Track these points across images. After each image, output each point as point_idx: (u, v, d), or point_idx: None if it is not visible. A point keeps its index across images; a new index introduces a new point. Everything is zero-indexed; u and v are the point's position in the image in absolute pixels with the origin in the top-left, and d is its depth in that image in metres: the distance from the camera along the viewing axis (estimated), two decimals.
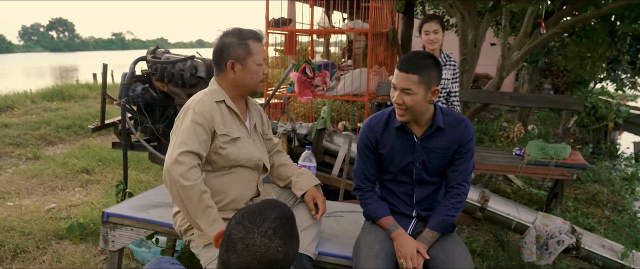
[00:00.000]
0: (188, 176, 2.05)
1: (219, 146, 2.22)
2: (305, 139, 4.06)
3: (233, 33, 2.23)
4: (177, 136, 2.14)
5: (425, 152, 2.28)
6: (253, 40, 2.21)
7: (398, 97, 2.15)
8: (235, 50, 2.21)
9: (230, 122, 2.27)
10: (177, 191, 2.06)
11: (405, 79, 2.11)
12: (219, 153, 2.23)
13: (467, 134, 2.28)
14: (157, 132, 4.00)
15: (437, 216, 2.30)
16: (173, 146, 2.12)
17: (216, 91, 2.27)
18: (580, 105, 5.36)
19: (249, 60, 2.21)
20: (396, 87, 2.16)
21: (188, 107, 2.21)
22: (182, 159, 2.06)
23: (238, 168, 2.31)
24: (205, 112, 2.17)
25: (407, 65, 2.12)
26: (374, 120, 2.37)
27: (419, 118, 2.24)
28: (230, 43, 2.22)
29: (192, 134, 2.12)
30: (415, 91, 2.11)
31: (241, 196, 2.34)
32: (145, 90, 3.91)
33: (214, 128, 2.19)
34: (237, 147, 2.27)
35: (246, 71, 2.23)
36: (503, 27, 5.24)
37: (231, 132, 2.25)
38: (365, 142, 2.37)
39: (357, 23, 6.33)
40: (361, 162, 2.41)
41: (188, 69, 3.85)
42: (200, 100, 2.21)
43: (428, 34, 3.69)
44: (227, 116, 2.26)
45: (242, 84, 2.26)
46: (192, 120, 2.14)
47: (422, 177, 2.34)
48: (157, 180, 5.30)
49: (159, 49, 4.19)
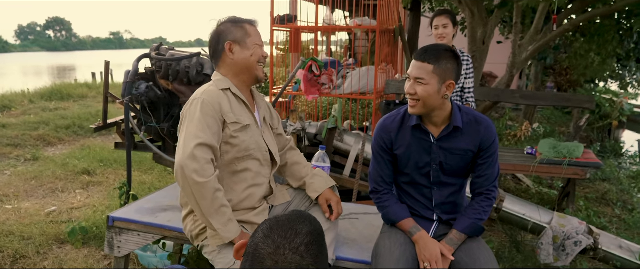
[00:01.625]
0: (203, 172, 1.95)
1: (230, 135, 2.13)
2: (315, 138, 3.94)
3: (227, 20, 2.21)
4: (186, 128, 2.04)
5: (443, 154, 2.18)
6: (247, 24, 2.19)
7: (410, 86, 2.08)
8: (232, 32, 2.17)
9: (239, 110, 2.19)
10: (191, 188, 1.95)
11: (419, 67, 2.05)
12: (230, 143, 2.14)
13: (489, 135, 2.17)
14: (162, 132, 3.87)
15: (466, 219, 2.21)
16: (185, 139, 2.01)
17: (220, 80, 2.20)
18: (592, 103, 5.27)
19: (247, 40, 2.16)
20: (410, 77, 2.09)
21: (194, 98, 2.12)
22: (197, 153, 1.96)
23: (249, 161, 2.20)
24: (214, 102, 2.08)
25: (423, 55, 2.06)
26: (388, 120, 2.28)
27: (434, 115, 2.14)
28: (226, 28, 2.18)
29: (204, 125, 2.02)
30: (428, 81, 2.03)
31: (253, 194, 2.24)
32: (149, 88, 3.78)
33: (223, 117, 2.11)
34: (248, 136, 2.18)
35: (245, 50, 2.17)
36: (514, 24, 5.13)
37: (241, 120, 2.17)
38: (379, 143, 2.28)
39: (365, 20, 6.20)
40: (376, 164, 2.32)
41: (194, 67, 3.72)
42: (206, 90, 2.13)
43: (437, 28, 3.62)
44: (235, 103, 2.18)
45: (242, 66, 2.19)
46: (201, 111, 2.04)
47: (440, 178, 2.24)
48: (161, 181, 5.17)
49: (163, 46, 4.06)
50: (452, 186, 2.28)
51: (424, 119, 2.19)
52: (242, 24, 2.18)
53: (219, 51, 2.18)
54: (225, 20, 2.21)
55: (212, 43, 2.20)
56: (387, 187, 2.32)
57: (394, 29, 6.52)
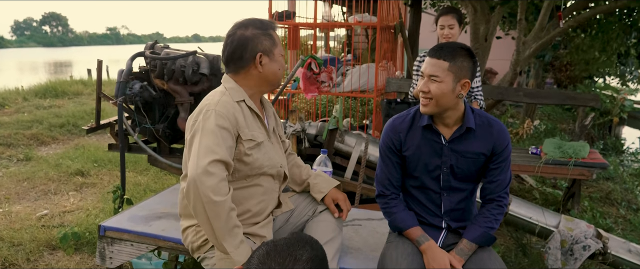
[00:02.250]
0: (219, 189, 1.82)
1: (244, 153, 2.00)
2: (315, 139, 3.81)
3: (253, 24, 2.03)
4: (200, 141, 1.89)
5: (454, 156, 2.10)
6: (272, 30, 2.05)
7: (424, 84, 2.01)
8: (262, 42, 2.01)
9: (253, 125, 2.06)
10: (204, 206, 1.81)
11: (434, 64, 1.99)
12: (243, 161, 2.01)
13: (502, 139, 2.09)
14: (157, 133, 3.74)
15: (477, 227, 2.11)
16: (199, 153, 1.86)
17: (234, 89, 2.05)
18: (598, 101, 5.19)
19: (275, 51, 2.05)
20: (424, 75, 2.02)
21: (207, 108, 1.96)
22: (213, 170, 1.82)
23: (261, 178, 2.09)
24: (229, 114, 1.95)
25: (438, 52, 1.99)
26: (397, 120, 2.20)
27: (447, 116, 2.06)
28: (254, 35, 2.01)
29: (219, 139, 1.88)
30: (442, 79, 1.97)
31: (263, 209, 2.13)
32: (143, 88, 3.65)
33: (238, 132, 1.98)
34: (262, 153, 2.06)
35: (273, 62, 2.05)
36: (518, 20, 5.02)
37: (256, 136, 2.04)
38: (388, 144, 2.19)
39: (365, 16, 6.08)
40: (384, 166, 2.22)
41: (190, 66, 3.60)
42: (221, 101, 1.98)
43: (443, 28, 3.51)
44: (249, 117, 2.05)
45: (269, 79, 2.07)
46: (216, 124, 1.90)
47: (450, 183, 2.15)
48: (157, 182, 5.04)
49: (158, 43, 3.92)
50: (462, 192, 2.18)
51: (435, 119, 2.11)
52: (270, 31, 2.04)
53: (245, 60, 2.02)
54: (250, 24, 2.04)
55: (236, 49, 2.02)
56: (394, 192, 2.23)
57: (395, 26, 6.40)
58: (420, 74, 2.03)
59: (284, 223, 2.30)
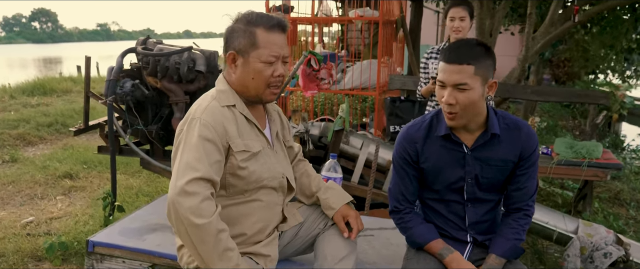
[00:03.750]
0: (201, 211, 1.57)
1: (237, 166, 1.75)
2: (320, 141, 3.59)
3: (245, 17, 1.74)
4: (180, 156, 1.66)
5: (479, 165, 1.90)
6: (264, 28, 1.71)
7: (449, 96, 1.76)
8: (238, 38, 1.72)
9: (248, 133, 1.80)
10: (186, 230, 1.58)
11: (459, 71, 1.73)
12: (237, 175, 1.76)
13: (530, 143, 1.89)
14: (150, 135, 3.51)
15: (504, 240, 1.91)
16: (177, 171, 1.63)
17: (224, 92, 1.79)
18: (608, 99, 5.03)
19: (252, 54, 1.71)
20: (445, 84, 1.77)
21: (192, 117, 1.72)
22: (192, 189, 1.58)
23: (260, 191, 1.84)
24: (216, 123, 1.69)
25: (458, 55, 1.74)
26: (412, 128, 1.98)
27: (469, 122, 1.85)
28: (234, 29, 1.74)
29: (201, 154, 1.64)
30: (471, 86, 1.74)
31: (265, 226, 1.89)
32: (135, 87, 3.43)
33: (227, 143, 1.72)
34: (259, 164, 1.80)
35: (247, 68, 1.74)
36: (528, 15, 4.84)
37: (250, 146, 1.78)
38: (402, 156, 1.97)
39: (367, 11, 5.87)
40: (399, 179, 2.01)
41: (185, 62, 3.38)
42: (208, 107, 1.73)
43: (453, 20, 3.31)
44: (243, 124, 1.79)
45: (245, 85, 1.77)
46: (199, 135, 1.65)
47: (475, 194, 1.95)
48: (149, 185, 4.79)
49: (151, 39, 3.69)
50: (488, 203, 1.98)
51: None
52: (252, 28, 1.71)
53: (225, 57, 1.79)
54: (243, 16, 1.76)
55: (223, 42, 1.79)
56: (409, 206, 2.02)
57: (396, 20, 6.20)
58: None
59: (292, 237, 2.06)
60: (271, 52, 1.72)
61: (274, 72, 1.74)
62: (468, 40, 1.82)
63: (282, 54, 1.75)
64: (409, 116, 5.12)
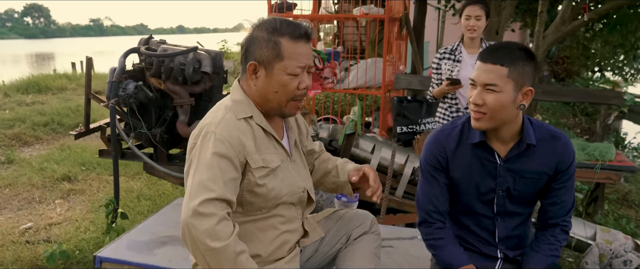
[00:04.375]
0: (217, 233, 1.45)
1: (255, 183, 1.62)
2: (330, 144, 3.46)
3: (269, 24, 1.60)
4: (193, 175, 1.53)
5: (511, 177, 1.80)
6: (289, 37, 1.57)
7: (478, 95, 1.69)
8: (261, 48, 1.58)
9: (266, 146, 1.67)
10: (203, 254, 1.46)
11: (490, 71, 1.66)
12: (255, 192, 1.64)
13: (567, 155, 1.79)
14: (154, 138, 3.37)
15: (541, 257, 1.82)
16: (190, 191, 1.50)
17: (240, 103, 1.65)
18: (620, 99, 4.92)
19: (276, 66, 1.58)
20: (476, 83, 1.70)
21: (206, 130, 1.59)
22: (206, 210, 1.46)
23: (279, 207, 1.72)
24: (232, 137, 1.56)
25: (493, 55, 1.67)
26: (442, 134, 1.87)
27: (503, 130, 1.74)
28: (256, 38, 1.59)
29: (215, 172, 1.51)
30: (501, 88, 1.65)
31: (285, 242, 1.76)
32: (138, 88, 3.29)
33: (245, 159, 1.59)
34: (279, 180, 1.68)
35: (271, 80, 1.60)
36: (539, 13, 4.73)
37: (269, 161, 1.65)
38: (431, 163, 1.86)
39: (372, 9, 5.73)
40: (429, 188, 1.88)
41: (190, 63, 3.24)
42: (222, 120, 1.59)
43: (469, 19, 3.19)
44: (260, 136, 1.66)
45: (266, 97, 1.64)
46: (214, 152, 1.53)
47: (505, 207, 1.84)
48: (150, 188, 4.65)
49: (153, 38, 3.55)
50: (519, 216, 1.88)
51: (488, 134, 1.78)
52: (278, 38, 1.57)
53: (244, 67, 1.65)
54: (265, 23, 1.62)
55: (241, 51, 1.65)
56: (440, 219, 1.89)
57: (400, 18, 6.06)
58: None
59: (312, 253, 1.94)
60: (298, 64, 1.59)
61: (299, 84, 1.61)
62: (510, 43, 1.73)
63: (308, 64, 1.62)
64: (417, 116, 5.00)
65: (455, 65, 3.29)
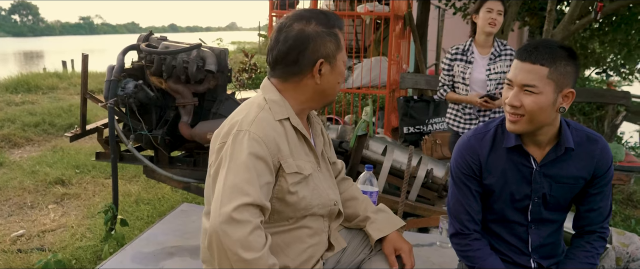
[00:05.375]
0: (250, 243, 1.33)
1: (287, 190, 1.49)
2: (340, 146, 3.31)
3: (317, 18, 1.53)
4: (225, 176, 1.40)
5: (547, 183, 1.71)
6: (340, 28, 1.59)
7: (515, 97, 1.59)
8: (325, 44, 1.52)
9: (298, 151, 1.55)
10: (232, 265, 1.34)
11: (529, 71, 1.56)
12: (285, 200, 1.51)
13: (605, 159, 1.71)
14: (155, 140, 3.20)
15: (578, 264, 1.74)
16: (222, 194, 1.37)
17: (278, 103, 1.54)
18: (628, 99, 4.84)
19: (338, 56, 1.57)
20: (513, 84, 1.60)
21: (238, 128, 1.46)
22: (241, 217, 1.33)
23: (307, 218, 1.59)
24: (268, 138, 1.45)
25: (532, 54, 1.56)
26: (474, 139, 1.77)
27: (541, 133, 1.65)
28: (318, 33, 1.51)
29: (251, 174, 1.39)
30: (540, 89, 1.55)
31: (311, 256, 1.63)
32: (138, 87, 3.15)
33: (279, 162, 1.47)
34: (310, 189, 1.56)
35: (335, 72, 1.57)
36: (548, 11, 4.59)
37: (302, 168, 1.53)
38: (463, 169, 1.76)
39: (377, 7, 5.61)
40: (461, 196, 1.77)
41: (194, 61, 3.09)
42: (257, 119, 1.47)
43: (491, 12, 3.10)
44: (294, 140, 1.54)
45: (326, 92, 1.59)
46: (250, 152, 1.40)
47: (541, 215, 1.75)
48: (149, 192, 4.46)
49: (154, 34, 3.39)
50: (553, 224, 1.80)
51: (524, 137, 1.68)
52: (335, 30, 1.55)
53: (301, 65, 1.52)
54: (313, 17, 1.54)
55: (291, 50, 1.51)
56: (476, 229, 1.78)
57: (404, 16, 5.95)
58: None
59: (334, 264, 1.80)
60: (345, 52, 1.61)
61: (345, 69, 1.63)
62: (550, 40, 1.61)
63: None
64: (424, 116, 4.89)
65: (467, 67, 3.18)
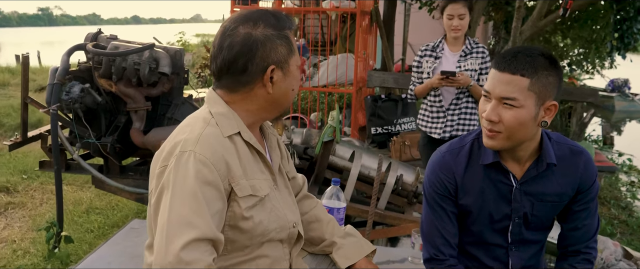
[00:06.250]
0: None
1: (240, 216, 1.30)
2: (305, 152, 3.13)
3: (265, 19, 1.35)
4: (169, 206, 1.20)
5: (529, 202, 1.60)
6: (291, 29, 1.40)
7: (492, 111, 1.45)
8: (276, 48, 1.34)
9: (252, 169, 1.35)
10: None
11: (508, 82, 1.42)
12: (239, 227, 1.31)
13: (589, 173, 1.60)
14: (104, 149, 2.98)
15: None
16: (167, 228, 1.18)
17: (226, 116, 1.34)
18: (596, 97, 4.85)
19: (291, 61, 1.40)
20: (490, 96, 1.46)
21: (181, 149, 1.26)
22: (190, 256, 1.16)
23: (265, 246, 1.40)
24: (216, 159, 1.25)
25: (511, 63, 1.43)
26: (449, 155, 1.64)
27: (521, 149, 1.53)
28: (266, 37, 1.32)
29: (200, 203, 1.20)
30: (521, 103, 1.42)
31: None
32: (85, 91, 2.94)
33: (230, 186, 1.28)
34: (267, 212, 1.36)
35: (288, 79, 1.40)
36: (517, 8, 4.53)
37: (257, 188, 1.34)
38: (437, 189, 1.63)
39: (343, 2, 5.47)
40: (435, 219, 1.65)
41: (146, 63, 2.89)
42: (203, 136, 1.27)
43: (452, 18, 3.02)
44: (246, 157, 1.34)
45: (279, 102, 1.40)
46: (197, 177, 1.21)
47: (522, 235, 1.64)
48: (102, 200, 4.20)
49: (102, 33, 3.16)
50: (535, 244, 1.69)
51: (502, 153, 1.56)
52: (286, 32, 1.37)
53: (249, 74, 1.34)
54: (260, 18, 1.35)
55: (238, 57, 1.33)
56: (452, 254, 1.66)
57: (371, 12, 5.82)
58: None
59: None
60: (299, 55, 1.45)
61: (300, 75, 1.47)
62: (530, 47, 1.49)
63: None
64: (392, 116, 4.76)
65: (436, 62, 3.09)
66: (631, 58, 8.60)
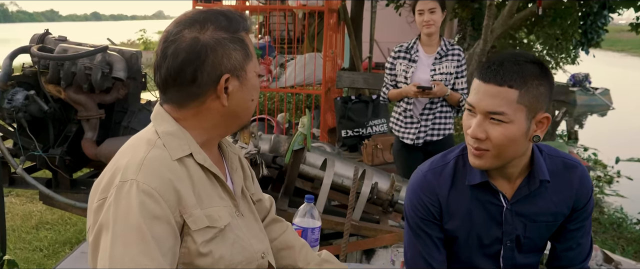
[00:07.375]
0: None
1: (196, 252, 1.11)
2: (274, 162, 2.95)
3: (214, 20, 1.15)
4: (111, 249, 1.01)
5: (521, 223, 1.47)
6: (244, 31, 1.21)
7: (478, 127, 1.31)
8: (229, 53, 1.15)
9: (209, 195, 1.16)
10: None
11: (495, 95, 1.29)
12: (196, 266, 1.12)
13: (585, 189, 1.48)
14: (52, 161, 2.75)
15: None
16: None
17: (175, 136, 1.15)
18: (568, 95, 4.84)
19: (248, 67, 1.21)
20: (475, 110, 1.33)
21: (121, 178, 1.06)
22: None
23: None
24: (164, 187, 1.06)
25: (498, 73, 1.29)
26: (431, 174, 1.50)
27: (511, 166, 1.40)
28: (216, 41, 1.14)
29: (148, 243, 1.01)
30: (510, 118, 1.29)
31: None
32: (29, 99, 2.70)
33: (182, 217, 1.08)
34: (229, 244, 1.17)
35: (246, 88, 1.21)
36: (488, 6, 4.48)
37: (216, 218, 1.15)
38: (420, 214, 1.49)
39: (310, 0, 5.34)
40: (421, 246, 1.52)
41: (98, 67, 2.67)
42: (147, 161, 1.08)
43: (422, 14, 2.97)
44: (201, 182, 1.16)
45: (237, 114, 1.22)
46: (141, 211, 1.02)
47: (514, 260, 1.51)
48: (53, 212, 3.92)
49: (50, 35, 2.94)
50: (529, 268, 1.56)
51: (490, 171, 1.42)
52: (241, 34, 1.18)
53: (199, 85, 1.15)
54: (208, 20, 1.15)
55: (184, 66, 1.13)
56: None
57: (338, 9, 5.70)
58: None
59: None
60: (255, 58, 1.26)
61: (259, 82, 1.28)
62: (517, 54, 1.34)
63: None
64: (363, 118, 4.64)
65: (411, 66, 3.02)
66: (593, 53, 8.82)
